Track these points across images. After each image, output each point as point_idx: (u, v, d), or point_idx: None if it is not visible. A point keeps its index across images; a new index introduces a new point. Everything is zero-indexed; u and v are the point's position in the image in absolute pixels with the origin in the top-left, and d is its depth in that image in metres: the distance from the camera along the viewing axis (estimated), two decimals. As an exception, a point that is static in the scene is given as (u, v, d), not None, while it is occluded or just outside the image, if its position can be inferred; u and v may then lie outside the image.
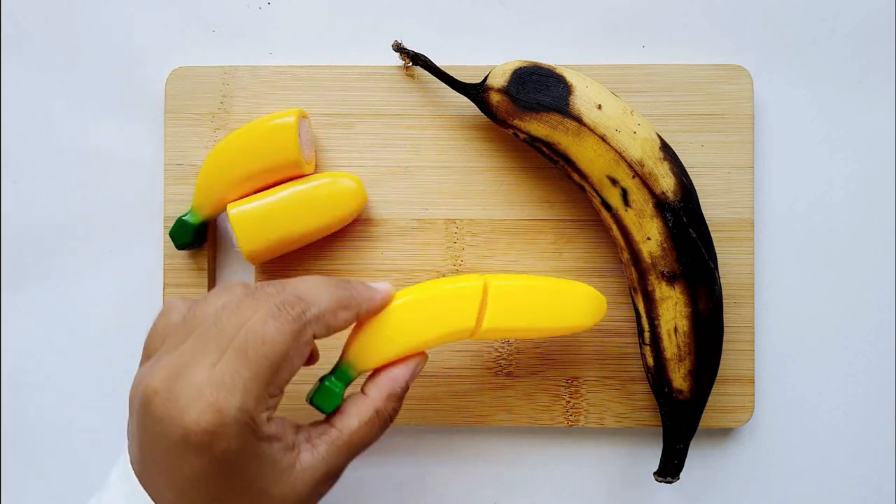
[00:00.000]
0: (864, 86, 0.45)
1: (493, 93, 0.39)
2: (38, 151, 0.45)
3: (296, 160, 0.41)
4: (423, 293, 0.37)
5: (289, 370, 0.32)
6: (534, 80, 0.39)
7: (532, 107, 0.39)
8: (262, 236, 0.41)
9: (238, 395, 0.30)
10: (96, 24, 0.45)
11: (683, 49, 0.45)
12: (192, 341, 0.32)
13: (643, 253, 0.39)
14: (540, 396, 0.43)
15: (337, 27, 0.45)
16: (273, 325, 0.32)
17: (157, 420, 0.30)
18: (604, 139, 0.38)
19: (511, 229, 0.44)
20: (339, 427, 0.34)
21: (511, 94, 0.39)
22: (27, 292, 0.45)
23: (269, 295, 0.33)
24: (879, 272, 0.45)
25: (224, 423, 0.30)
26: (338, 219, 0.42)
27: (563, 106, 0.38)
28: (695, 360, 0.39)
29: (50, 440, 0.45)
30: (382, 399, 0.35)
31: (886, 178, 0.45)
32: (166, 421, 0.30)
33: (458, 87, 0.41)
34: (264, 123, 0.41)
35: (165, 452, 0.31)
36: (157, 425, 0.30)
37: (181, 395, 0.30)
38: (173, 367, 0.31)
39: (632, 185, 0.38)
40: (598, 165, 0.39)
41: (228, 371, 0.31)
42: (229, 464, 0.31)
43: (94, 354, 0.45)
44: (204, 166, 0.42)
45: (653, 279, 0.39)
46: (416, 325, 0.36)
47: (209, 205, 0.42)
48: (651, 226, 0.38)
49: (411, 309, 0.36)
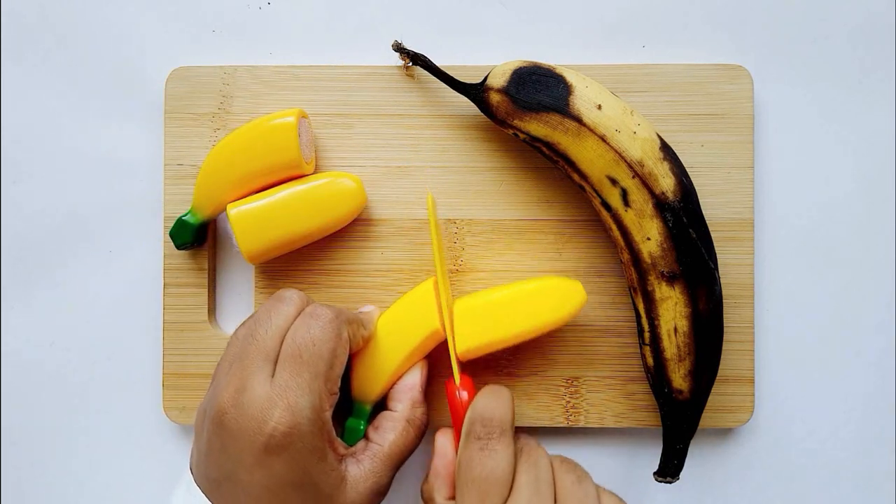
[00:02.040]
0: (864, 86, 0.45)
1: (492, 93, 0.39)
2: (38, 152, 0.45)
3: (296, 160, 0.41)
4: (389, 315, 0.41)
5: (339, 366, 0.35)
6: (534, 80, 0.39)
7: (532, 107, 0.39)
8: (262, 236, 0.41)
9: (306, 394, 0.33)
10: (96, 24, 0.45)
11: (683, 49, 0.45)
12: (240, 362, 0.34)
13: (643, 253, 0.39)
14: (540, 396, 0.43)
15: (337, 27, 0.45)
16: (317, 326, 0.35)
17: (234, 436, 0.32)
18: (604, 139, 0.38)
19: (511, 229, 0.44)
20: (378, 442, 0.37)
21: (511, 94, 0.39)
22: (27, 292, 0.45)
23: (296, 307, 0.37)
24: (879, 272, 0.45)
25: (299, 423, 0.33)
26: (338, 219, 0.42)
27: (563, 106, 0.38)
28: (695, 361, 0.39)
29: (50, 440, 0.45)
30: (408, 409, 0.39)
31: (886, 178, 0.45)
32: (245, 434, 0.32)
33: (458, 88, 0.41)
34: (264, 123, 0.41)
35: (244, 466, 0.32)
36: (236, 441, 0.32)
37: (251, 407, 0.33)
38: (234, 386, 0.33)
39: (631, 185, 0.38)
40: (597, 166, 0.38)
41: (289, 376, 0.33)
42: (304, 467, 0.33)
43: (94, 354, 0.45)
44: (204, 166, 0.41)
45: (653, 279, 0.39)
46: (395, 347, 0.40)
47: (209, 205, 0.42)
48: (651, 226, 0.38)
49: (388, 333, 0.40)
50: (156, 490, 0.45)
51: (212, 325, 0.44)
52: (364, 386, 0.40)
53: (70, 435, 0.45)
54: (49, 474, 0.45)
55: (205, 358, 0.44)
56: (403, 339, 0.40)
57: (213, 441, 0.33)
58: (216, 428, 0.33)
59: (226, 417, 0.33)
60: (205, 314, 0.44)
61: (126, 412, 0.45)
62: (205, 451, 0.34)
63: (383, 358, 0.40)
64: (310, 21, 0.45)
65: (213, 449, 0.33)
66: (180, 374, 0.44)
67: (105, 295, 0.45)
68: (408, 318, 0.40)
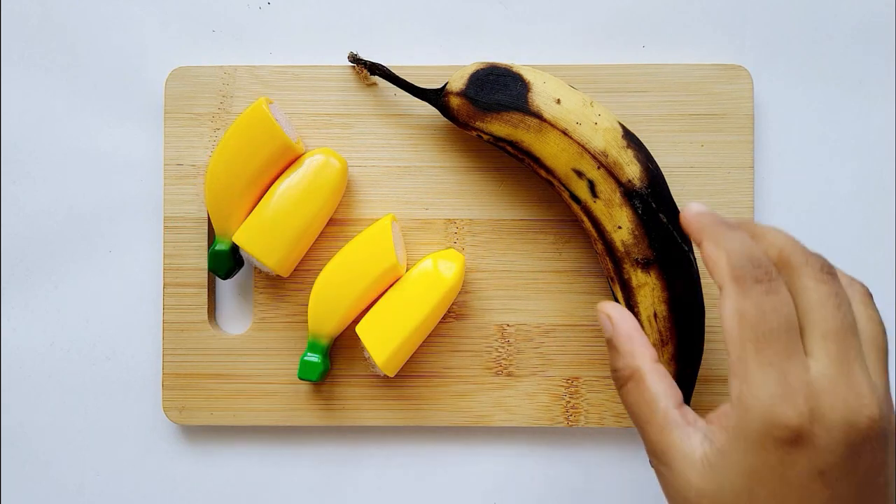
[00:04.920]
0: (864, 86, 0.45)
1: (452, 97, 0.40)
2: (38, 151, 0.45)
3: (285, 145, 0.41)
4: (339, 256, 0.42)
5: None
6: (491, 81, 0.39)
7: (492, 107, 0.39)
8: (276, 245, 0.41)
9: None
10: (96, 25, 0.45)
11: (683, 49, 0.45)
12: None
13: (616, 242, 0.39)
14: (540, 396, 0.43)
15: (337, 27, 0.45)
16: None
17: None
18: (566, 133, 0.38)
19: (511, 229, 0.44)
20: None
21: (470, 96, 0.39)
22: (28, 292, 0.45)
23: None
24: (880, 272, 0.45)
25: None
26: (330, 195, 0.42)
27: (523, 104, 0.39)
28: (677, 344, 0.39)
29: (50, 440, 0.45)
30: None
31: (887, 178, 0.45)
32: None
33: (419, 94, 0.41)
34: (242, 123, 0.41)
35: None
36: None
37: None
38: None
39: (597, 175, 0.38)
40: (562, 160, 0.39)
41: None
42: None
43: (94, 354, 0.45)
44: (207, 192, 0.42)
45: (628, 267, 0.39)
46: (351, 283, 0.41)
47: (230, 225, 0.42)
48: (620, 214, 0.39)
49: (345, 269, 0.41)
50: (156, 490, 0.45)
51: (212, 326, 0.44)
52: (320, 321, 0.41)
53: (70, 435, 0.45)
54: (49, 474, 0.45)
55: (205, 358, 0.44)
56: (360, 275, 0.41)
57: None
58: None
59: None
60: (205, 314, 0.44)
61: (126, 412, 0.45)
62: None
63: (340, 293, 0.41)
64: (310, 21, 0.45)
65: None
66: (180, 375, 0.44)
67: (105, 295, 0.45)
68: (365, 254, 0.41)
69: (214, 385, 0.44)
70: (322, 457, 0.45)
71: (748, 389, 0.28)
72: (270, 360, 0.44)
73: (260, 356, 0.44)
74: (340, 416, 0.43)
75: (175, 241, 0.44)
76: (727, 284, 0.29)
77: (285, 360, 0.44)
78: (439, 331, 0.43)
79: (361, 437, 0.45)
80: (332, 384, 0.43)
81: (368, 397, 0.43)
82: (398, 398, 0.43)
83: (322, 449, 0.45)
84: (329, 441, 0.45)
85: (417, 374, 0.43)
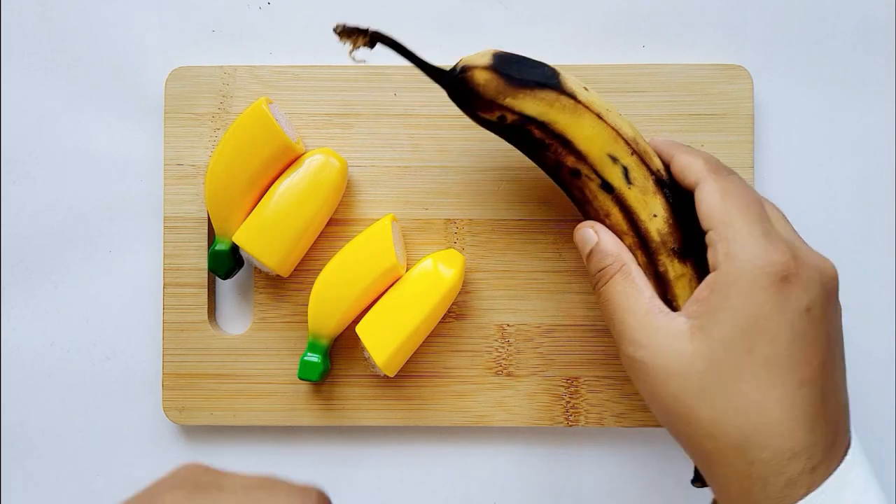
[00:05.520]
0: (864, 86, 0.45)
1: (477, 71, 0.37)
2: (38, 151, 0.45)
3: (285, 145, 0.41)
4: (339, 256, 0.42)
5: None
6: (517, 61, 0.37)
7: (526, 83, 0.36)
8: (276, 245, 0.41)
9: None
10: (96, 24, 0.45)
11: (683, 49, 0.45)
12: None
13: (651, 232, 0.37)
14: (540, 396, 0.43)
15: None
16: None
17: None
18: (600, 116, 0.37)
19: (511, 229, 0.44)
20: None
21: (501, 70, 0.36)
22: (28, 292, 0.45)
23: None
24: (880, 272, 0.45)
25: None
26: (329, 195, 0.42)
27: (557, 83, 0.37)
28: None
29: (50, 440, 0.45)
30: None
31: (887, 178, 0.45)
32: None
33: (429, 70, 0.38)
34: (241, 123, 0.41)
35: None
36: None
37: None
38: None
39: (631, 162, 0.37)
40: (597, 144, 0.37)
41: None
42: None
43: (94, 354, 0.45)
44: (207, 192, 0.42)
45: (664, 258, 0.37)
46: (351, 283, 0.41)
47: (229, 225, 0.42)
48: (655, 202, 0.37)
49: (345, 269, 0.41)
50: (156, 490, 0.45)
51: (212, 325, 0.44)
52: (320, 321, 0.41)
53: (70, 435, 0.45)
54: (49, 474, 0.45)
55: (205, 358, 0.44)
56: (360, 275, 0.41)
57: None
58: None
59: None
60: (205, 314, 0.44)
61: (126, 412, 0.45)
62: None
63: (340, 293, 0.41)
64: (310, 21, 0.45)
65: None
66: (180, 375, 0.44)
67: (105, 295, 0.45)
68: (365, 254, 0.41)
69: (214, 385, 0.44)
70: (322, 457, 0.45)
71: (738, 244, 0.32)
72: (270, 360, 0.44)
73: (260, 356, 0.44)
74: (340, 416, 0.43)
75: (175, 241, 0.44)
76: (706, 176, 0.34)
77: (285, 360, 0.44)
78: (439, 331, 0.43)
79: (361, 437, 0.45)
80: (332, 384, 0.44)
81: (368, 397, 0.43)
82: (398, 398, 0.43)
83: (322, 449, 0.45)
84: (329, 441, 0.45)
85: (417, 374, 0.43)
